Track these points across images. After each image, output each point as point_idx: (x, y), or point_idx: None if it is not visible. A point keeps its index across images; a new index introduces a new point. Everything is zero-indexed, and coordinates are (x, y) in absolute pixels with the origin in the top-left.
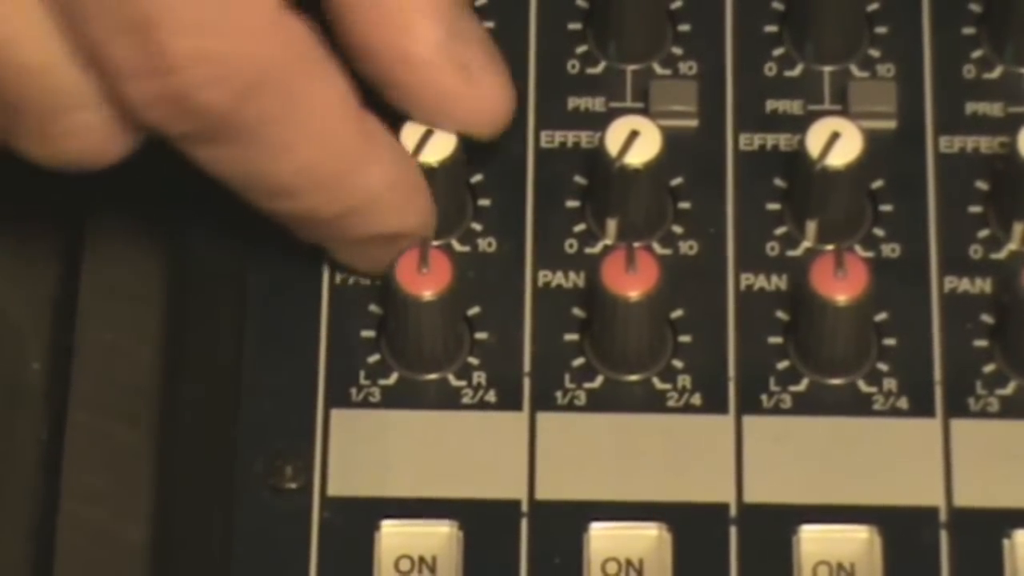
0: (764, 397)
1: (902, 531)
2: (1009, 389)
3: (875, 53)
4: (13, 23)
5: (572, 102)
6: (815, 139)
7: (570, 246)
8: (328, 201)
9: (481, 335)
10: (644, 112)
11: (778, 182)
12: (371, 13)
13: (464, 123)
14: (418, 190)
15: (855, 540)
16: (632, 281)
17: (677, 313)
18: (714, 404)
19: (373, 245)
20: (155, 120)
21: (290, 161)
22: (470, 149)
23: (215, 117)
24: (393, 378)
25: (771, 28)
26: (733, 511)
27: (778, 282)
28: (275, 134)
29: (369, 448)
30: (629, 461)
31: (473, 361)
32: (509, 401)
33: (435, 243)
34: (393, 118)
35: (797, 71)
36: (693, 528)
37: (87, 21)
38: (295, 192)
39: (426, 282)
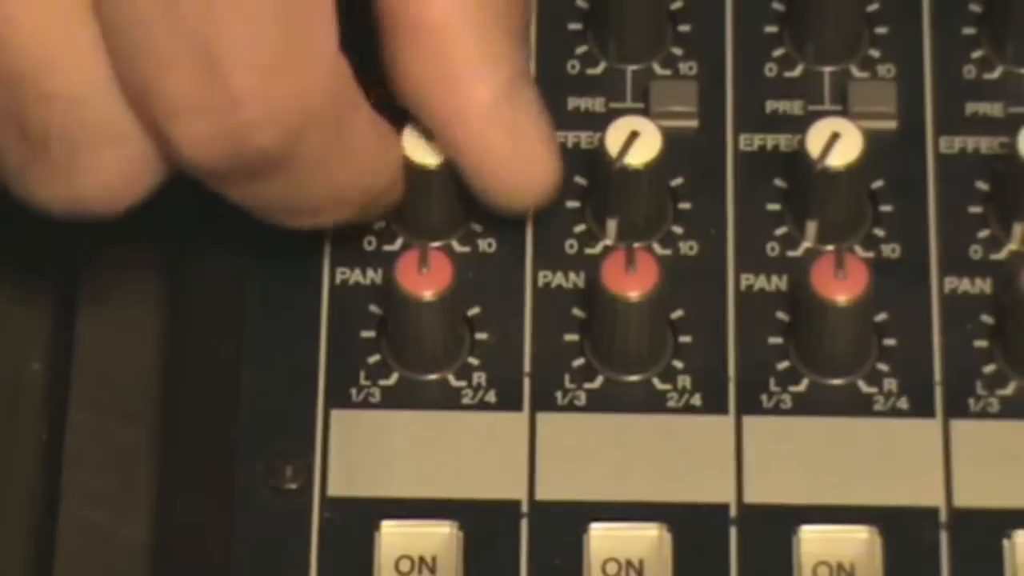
0: (764, 397)
1: (902, 531)
2: (1009, 389)
3: (875, 53)
4: (55, 46)
5: (572, 102)
6: (815, 139)
7: (570, 246)
8: (348, 214)
9: (481, 335)
10: (644, 112)
11: (778, 182)
12: (427, 67)
13: (505, 190)
14: (399, 167)
15: (855, 540)
16: (632, 281)
17: (677, 313)
18: (714, 404)
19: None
20: (201, 159)
21: (320, 189)
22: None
23: (266, 155)
24: (393, 378)
25: (771, 28)
26: (733, 511)
27: (778, 282)
28: (317, 168)
29: (369, 448)
30: (629, 461)
31: (473, 361)
32: (509, 401)
33: (435, 244)
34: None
35: (797, 71)
36: (693, 528)
37: (143, 53)
38: (318, 212)
39: (426, 282)
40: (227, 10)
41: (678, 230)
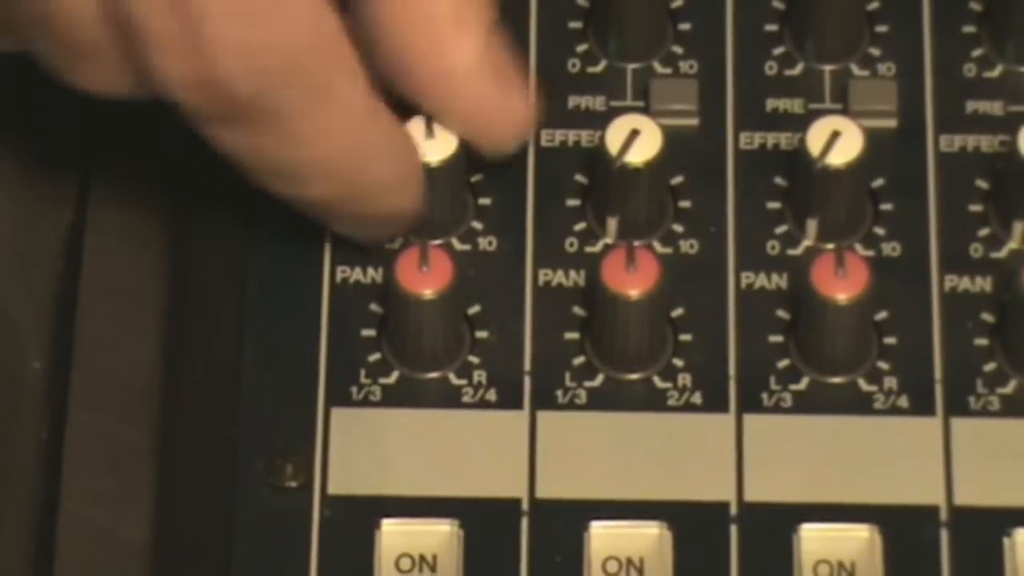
0: (764, 396)
1: (902, 530)
2: (1009, 388)
3: (875, 52)
4: None
5: (573, 101)
6: (815, 138)
7: (570, 245)
8: (336, 188)
9: (481, 334)
10: (645, 111)
11: (779, 181)
12: (408, 35)
13: (498, 135)
14: (416, 178)
15: (856, 539)
16: (632, 280)
17: (677, 312)
18: (714, 403)
19: (368, 224)
20: (178, 97)
21: (307, 151)
22: (471, 148)
23: (241, 103)
24: (394, 377)
25: (772, 27)
26: (734, 510)
27: (779, 281)
28: (297, 124)
29: (369, 447)
30: (629, 460)
31: (473, 360)
32: (509, 400)
33: (435, 242)
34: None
35: (798, 70)
36: (694, 527)
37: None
38: (306, 179)
39: (427, 281)
40: None
41: (678, 228)
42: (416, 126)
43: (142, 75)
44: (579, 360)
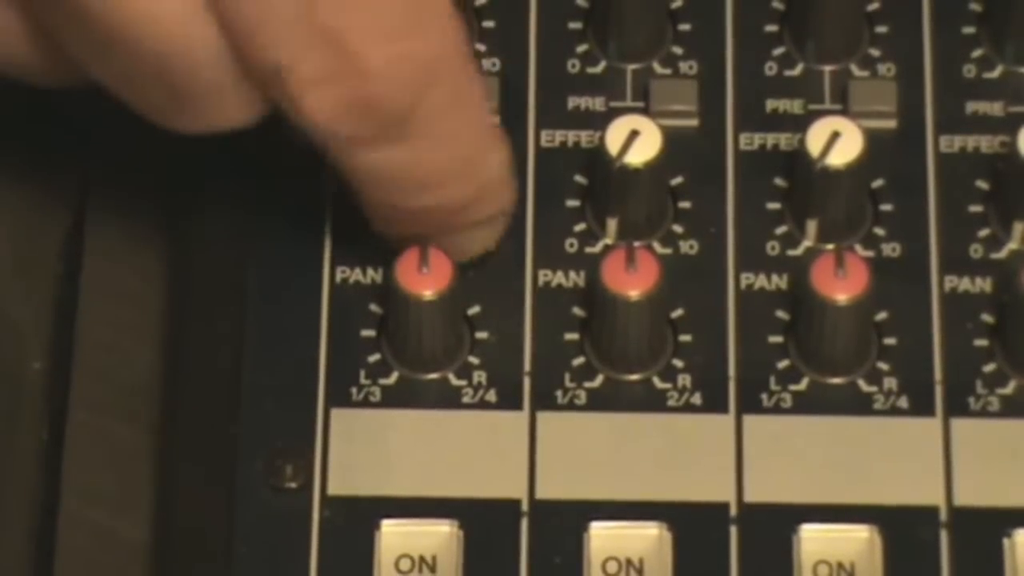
0: (764, 396)
1: (902, 530)
2: (1009, 388)
3: (875, 52)
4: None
5: (572, 101)
6: (815, 138)
7: (570, 245)
8: (465, 188)
9: (481, 334)
10: (644, 111)
11: (778, 181)
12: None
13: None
14: (511, 172)
15: (855, 539)
16: (632, 280)
17: (677, 312)
18: (714, 403)
19: (480, 229)
20: (331, 126)
21: (449, 152)
22: None
23: (396, 118)
24: (393, 377)
25: (771, 27)
26: (733, 510)
27: (778, 281)
28: (442, 126)
29: (369, 447)
30: (629, 460)
31: (473, 360)
32: (509, 400)
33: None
34: None
35: (797, 70)
36: (693, 527)
37: (267, 33)
38: (443, 183)
39: (426, 281)
40: None
41: (678, 229)
42: None
43: (277, 107)
44: (579, 361)
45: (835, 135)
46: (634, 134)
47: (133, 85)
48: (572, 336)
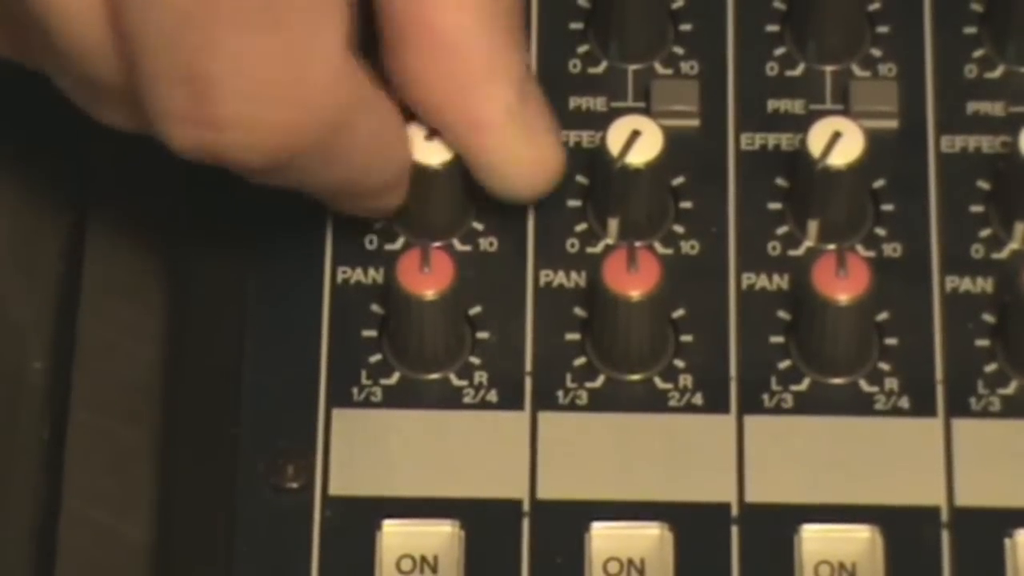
0: (766, 397)
1: (903, 531)
2: (1011, 389)
3: (877, 52)
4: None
5: (574, 102)
6: (816, 139)
7: (571, 245)
8: (342, 193)
9: (482, 334)
10: (645, 112)
11: (780, 182)
12: (443, 74)
13: (521, 185)
14: (405, 176)
15: (856, 540)
16: (633, 280)
17: (678, 312)
18: (715, 404)
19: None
20: (185, 155)
21: (315, 180)
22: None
23: (249, 171)
24: (395, 378)
25: (773, 27)
26: (735, 511)
27: (780, 282)
28: (304, 171)
29: (371, 448)
30: (630, 461)
31: (474, 361)
32: (510, 400)
33: (437, 243)
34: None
35: (799, 70)
36: (695, 528)
37: (143, 61)
38: (310, 190)
39: (428, 282)
40: (227, 37)
41: (679, 229)
42: (418, 128)
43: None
44: (580, 361)
45: (836, 135)
46: (635, 134)
47: (53, 75)
48: (573, 336)
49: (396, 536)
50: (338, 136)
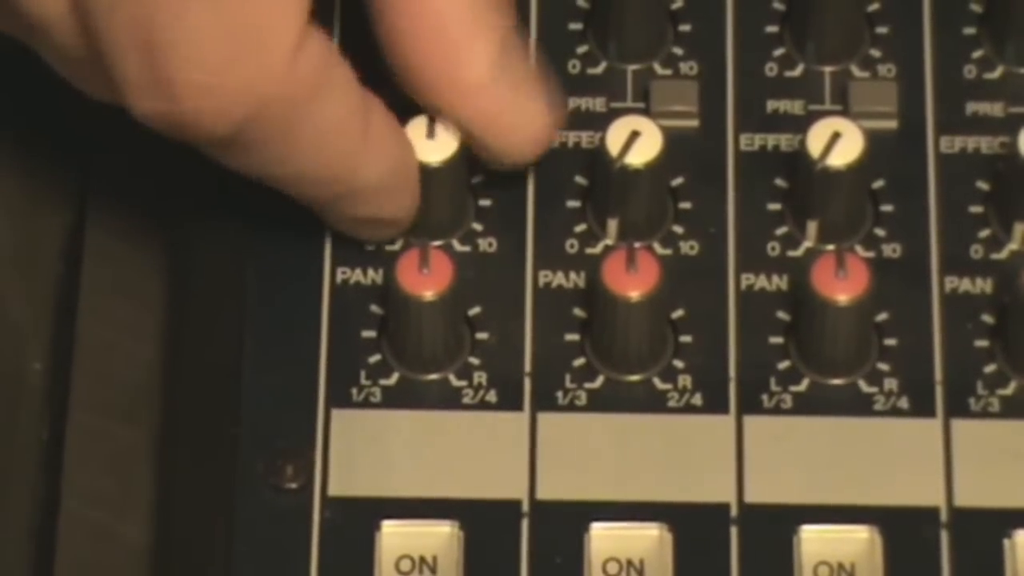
0: (765, 397)
1: (903, 531)
2: (1010, 389)
3: (876, 53)
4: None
5: (573, 102)
6: (816, 139)
7: (571, 246)
8: (326, 192)
9: (482, 335)
10: (645, 112)
11: (779, 182)
12: (423, 43)
13: (512, 145)
14: (409, 182)
15: (856, 540)
16: (633, 281)
17: (678, 313)
18: (715, 404)
19: (362, 225)
20: (152, 126)
21: (288, 168)
22: (471, 149)
23: (212, 140)
24: (394, 378)
25: (772, 28)
26: (734, 511)
27: (779, 282)
28: (273, 150)
29: (370, 448)
30: (630, 461)
31: (474, 361)
32: (510, 401)
33: (436, 243)
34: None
35: (798, 71)
36: (694, 528)
37: (101, 29)
38: (293, 186)
39: (427, 282)
40: (181, 5)
41: (679, 230)
42: (417, 126)
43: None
44: (579, 361)
45: (835, 136)
46: (635, 135)
47: (32, 44)
48: (572, 337)
49: (395, 536)
50: (297, 111)
